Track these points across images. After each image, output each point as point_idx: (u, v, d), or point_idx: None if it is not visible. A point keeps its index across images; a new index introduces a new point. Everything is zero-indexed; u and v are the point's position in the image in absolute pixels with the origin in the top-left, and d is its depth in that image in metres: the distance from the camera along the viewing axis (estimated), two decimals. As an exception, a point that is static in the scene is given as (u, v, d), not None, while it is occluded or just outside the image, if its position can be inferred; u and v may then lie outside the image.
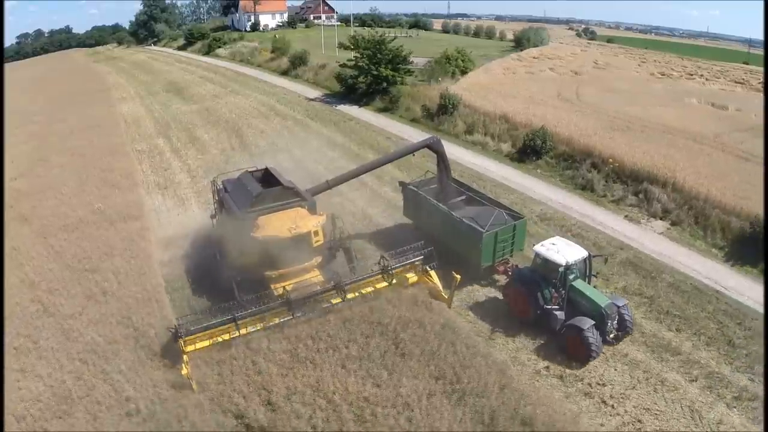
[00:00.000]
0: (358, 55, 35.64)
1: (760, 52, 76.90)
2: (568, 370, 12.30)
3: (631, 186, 22.12)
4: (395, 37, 37.41)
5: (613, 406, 11.53)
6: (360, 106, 36.05)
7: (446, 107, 30.27)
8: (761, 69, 56.58)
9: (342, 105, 36.70)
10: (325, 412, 10.06)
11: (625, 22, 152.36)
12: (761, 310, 15.01)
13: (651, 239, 18.89)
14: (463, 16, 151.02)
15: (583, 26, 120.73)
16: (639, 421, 11.29)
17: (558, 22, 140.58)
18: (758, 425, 11.22)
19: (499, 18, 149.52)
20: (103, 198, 21.47)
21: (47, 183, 24.06)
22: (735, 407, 11.70)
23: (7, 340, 12.76)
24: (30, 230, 18.94)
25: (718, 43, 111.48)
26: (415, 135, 29.29)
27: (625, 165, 22.94)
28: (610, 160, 23.15)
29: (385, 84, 34.98)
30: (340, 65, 37.77)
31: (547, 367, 12.41)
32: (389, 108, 34.23)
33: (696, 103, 40.23)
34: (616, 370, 12.42)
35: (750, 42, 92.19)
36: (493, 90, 35.48)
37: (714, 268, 17.12)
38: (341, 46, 38.52)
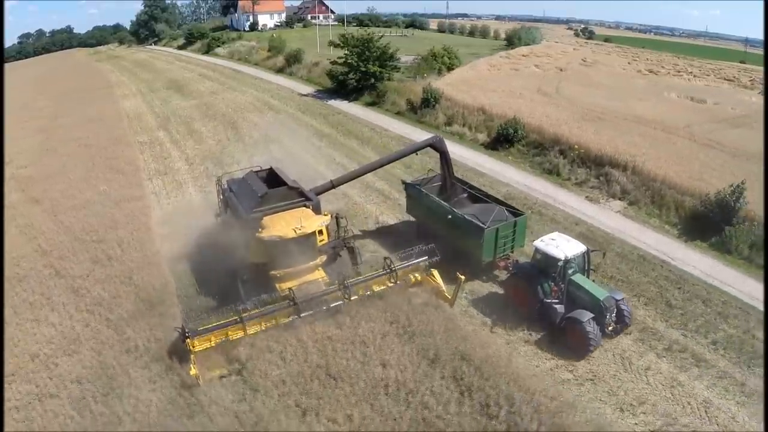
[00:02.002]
0: (348, 52, 37.48)
1: (757, 51, 78.11)
2: (509, 323, 13.92)
3: (594, 170, 23.85)
4: (382, 36, 39.15)
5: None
6: (349, 101, 37.94)
7: (428, 101, 32.13)
8: (757, 67, 57.78)
9: (332, 100, 38.62)
10: (293, 348, 11.88)
11: (625, 22, 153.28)
12: (704, 278, 16.51)
13: (607, 216, 20.60)
14: (464, 16, 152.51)
15: (582, 26, 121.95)
16: (572, 364, 12.94)
17: (558, 22, 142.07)
18: (684, 373, 12.79)
19: (499, 18, 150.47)
20: (107, 182, 23.48)
21: (56, 170, 26.10)
22: (664, 357, 13.25)
23: (23, 296, 14.77)
24: (41, 209, 20.93)
25: (718, 42, 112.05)
26: (398, 127, 31.32)
27: (590, 151, 24.66)
28: (576, 146, 24.92)
29: (373, 80, 36.85)
30: (331, 62, 39.64)
31: (494, 319, 14.12)
32: (376, 102, 36.13)
33: (675, 97, 41.82)
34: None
35: (747, 41, 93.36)
36: (476, 85, 37.28)
37: (664, 242, 18.73)
38: (331, 44, 40.32)
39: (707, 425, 11.25)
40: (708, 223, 19.03)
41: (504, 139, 27.12)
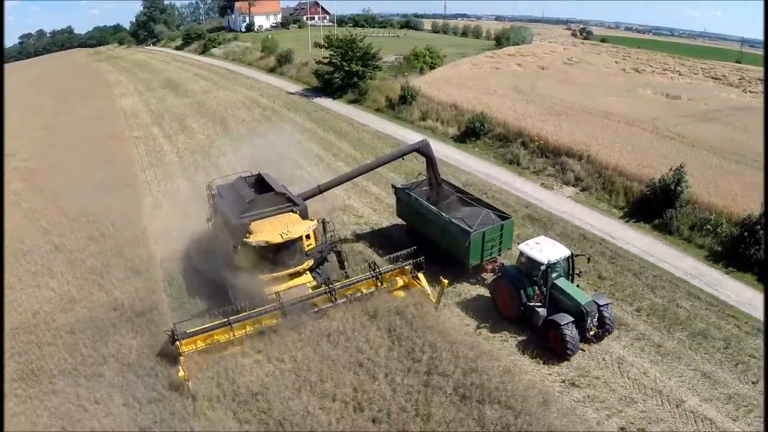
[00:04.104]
0: (332, 53, 39.56)
1: (753, 51, 79.12)
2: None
3: (552, 159, 25.80)
4: (364, 37, 41.17)
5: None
6: (334, 98, 40.06)
7: (405, 98, 34.23)
8: (751, 67, 58.52)
9: (318, 98, 40.75)
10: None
11: (625, 22, 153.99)
12: (640, 254, 18.21)
13: (557, 201, 22.44)
14: (464, 16, 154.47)
15: (581, 26, 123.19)
16: (500, 324, 14.51)
17: (558, 22, 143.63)
18: (607, 336, 14.22)
19: (499, 18, 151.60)
20: (104, 172, 25.62)
21: (57, 162, 28.43)
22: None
23: (26, 267, 16.95)
24: (43, 196, 23.21)
25: (717, 43, 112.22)
26: (376, 122, 33.44)
27: (549, 142, 26.64)
28: (536, 138, 26.91)
29: (355, 79, 38.91)
30: (317, 62, 41.72)
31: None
32: (358, 100, 38.25)
33: (650, 94, 43.47)
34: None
35: (742, 41, 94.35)
36: (454, 83, 39.32)
37: (609, 223, 20.51)
38: (316, 45, 42.44)
39: (618, 378, 12.82)
40: (652, 206, 20.65)
41: (471, 132, 29.15)
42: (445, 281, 14.06)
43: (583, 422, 11.40)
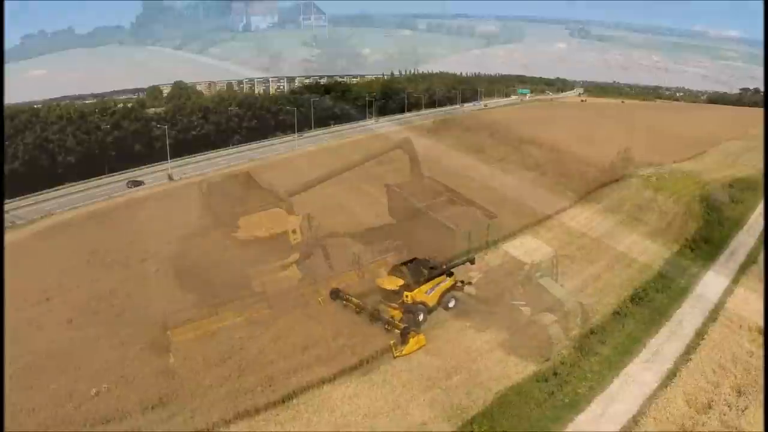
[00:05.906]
0: (321, 52, 41.51)
1: (751, 50, 79.20)
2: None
3: (515, 147, 27.68)
4: (350, 37, 43.03)
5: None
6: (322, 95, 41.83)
7: (388, 93, 36.05)
8: (747, 66, 59.83)
9: (306, 95, 42.42)
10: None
11: (625, 22, 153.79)
12: (582, 229, 20.12)
13: (515, 184, 24.21)
14: (464, 16, 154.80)
15: (580, 26, 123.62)
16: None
17: (558, 22, 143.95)
18: None
19: (499, 18, 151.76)
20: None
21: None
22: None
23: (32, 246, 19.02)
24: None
25: (717, 42, 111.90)
26: (359, 116, 35.28)
27: (516, 132, 28.49)
28: (503, 128, 28.76)
29: (341, 77, 40.82)
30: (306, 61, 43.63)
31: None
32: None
33: (628, 89, 45.26)
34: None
35: (739, 40, 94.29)
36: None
37: (558, 203, 22.29)
38: (305, 45, 44.31)
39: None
40: (604, 187, 22.97)
41: (445, 123, 31.02)
42: (426, 272, 14.73)
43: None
